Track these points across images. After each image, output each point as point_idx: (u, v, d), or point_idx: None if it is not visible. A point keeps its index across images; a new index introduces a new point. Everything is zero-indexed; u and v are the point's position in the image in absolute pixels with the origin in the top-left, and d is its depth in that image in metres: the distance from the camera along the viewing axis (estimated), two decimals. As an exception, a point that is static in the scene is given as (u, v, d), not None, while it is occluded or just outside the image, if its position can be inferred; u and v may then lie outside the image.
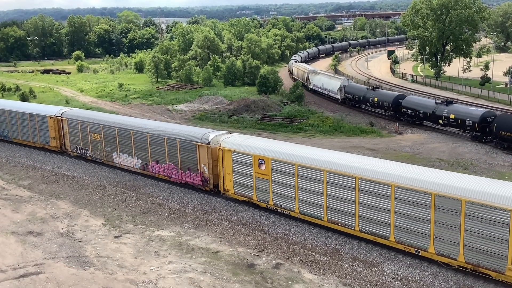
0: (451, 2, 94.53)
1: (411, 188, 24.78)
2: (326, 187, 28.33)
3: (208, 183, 35.35)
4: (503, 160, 43.62)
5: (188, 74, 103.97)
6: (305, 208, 29.77)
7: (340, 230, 28.57)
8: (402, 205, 25.30)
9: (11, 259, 27.43)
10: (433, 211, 24.19)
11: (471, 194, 22.98)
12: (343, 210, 27.92)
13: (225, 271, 25.52)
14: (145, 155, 39.18)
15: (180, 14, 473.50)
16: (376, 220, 26.52)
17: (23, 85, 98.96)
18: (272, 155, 30.91)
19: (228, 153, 33.16)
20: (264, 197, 32.01)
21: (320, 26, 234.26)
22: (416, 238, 25.19)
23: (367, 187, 26.52)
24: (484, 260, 23.06)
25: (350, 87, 70.98)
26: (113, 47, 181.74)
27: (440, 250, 24.44)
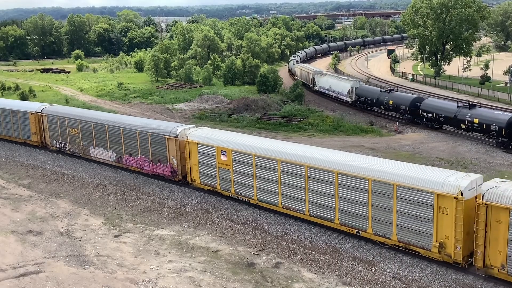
0: (451, 1, 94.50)
1: (351, 174, 27.02)
2: (280, 176, 30.39)
3: (177, 174, 37.19)
4: (503, 159, 43.63)
5: (187, 73, 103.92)
6: (263, 195, 31.77)
7: (293, 215, 30.56)
8: (345, 190, 27.50)
9: (11, 258, 27.44)
10: (370, 195, 26.42)
11: (401, 178, 25.19)
12: (295, 196, 29.96)
13: (225, 270, 25.53)
14: (119, 148, 41.08)
15: (180, 13, 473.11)
16: (323, 205, 28.66)
17: (22, 84, 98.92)
18: (233, 146, 32.96)
19: (194, 146, 35.22)
20: (226, 186, 33.92)
21: (320, 25, 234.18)
22: (356, 220, 27.36)
23: (315, 174, 28.62)
24: (414, 238, 25.26)
25: (361, 89, 67.45)
26: (113, 46, 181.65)
27: (377, 231, 26.61)
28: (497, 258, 22.59)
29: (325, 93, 77.76)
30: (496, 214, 22.25)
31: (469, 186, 23.44)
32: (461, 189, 23.29)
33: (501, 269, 22.58)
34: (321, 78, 79.87)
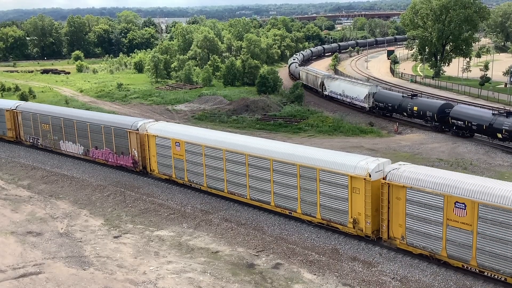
0: (450, 2, 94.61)
1: (283, 161, 30.07)
2: (225, 164, 33.35)
3: (138, 165, 40.02)
4: (503, 160, 43.63)
5: (187, 74, 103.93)
6: (211, 182, 34.71)
7: (237, 199, 33.36)
8: (278, 175, 30.47)
9: (10, 259, 27.42)
10: (298, 179, 29.49)
11: (322, 163, 28.41)
12: (238, 182, 32.84)
13: (225, 271, 25.52)
14: (86, 142, 43.87)
15: (179, 14, 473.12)
16: (261, 189, 31.59)
17: (22, 85, 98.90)
18: (185, 138, 35.94)
19: (152, 138, 38.10)
20: (180, 175, 36.79)
21: (319, 26, 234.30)
22: (288, 201, 30.41)
23: (254, 162, 31.62)
24: (334, 216, 28.44)
25: (380, 95, 62.86)
26: (113, 47, 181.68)
27: (305, 210, 29.75)
28: (398, 231, 25.95)
29: (336, 98, 73.03)
30: (396, 192, 25.52)
31: (376, 169, 26.48)
32: (369, 171, 26.37)
33: (401, 240, 25.93)
34: (332, 82, 75.12)
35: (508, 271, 22.38)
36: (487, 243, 22.77)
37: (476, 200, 22.76)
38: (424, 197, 24.48)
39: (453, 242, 23.90)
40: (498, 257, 22.54)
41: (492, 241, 22.60)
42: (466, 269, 23.97)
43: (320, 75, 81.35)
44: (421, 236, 25.04)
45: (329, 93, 75.47)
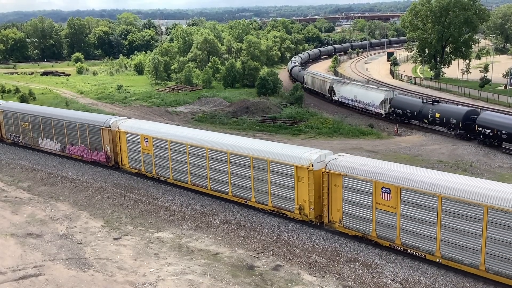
0: (450, 4, 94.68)
1: (239, 153, 32.32)
2: (188, 157, 35.57)
3: (110, 160, 42.18)
4: (503, 162, 43.63)
5: (187, 76, 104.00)
6: (176, 175, 36.91)
7: (200, 190, 35.61)
8: (235, 167, 32.74)
9: (10, 261, 27.41)
10: (252, 170, 31.75)
11: (272, 155, 30.71)
12: (200, 174, 35.15)
13: (225, 273, 25.51)
14: (63, 139, 46.07)
15: (179, 16, 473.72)
16: (220, 180, 33.83)
17: (22, 87, 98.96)
18: (153, 134, 38.14)
19: (123, 134, 40.39)
20: (149, 168, 38.96)
21: (319, 28, 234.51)
22: (244, 191, 32.62)
23: (213, 155, 33.88)
24: (283, 204, 30.79)
25: (398, 100, 59.65)
26: (113, 49, 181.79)
27: (258, 199, 32.03)
28: (337, 215, 28.49)
29: (348, 103, 69.52)
30: (335, 180, 28.01)
31: (318, 159, 28.90)
32: (312, 162, 28.77)
33: (339, 224, 28.37)
34: (343, 87, 71.53)
35: (427, 248, 24.86)
36: (409, 224, 25.26)
37: (399, 185, 25.21)
38: (357, 183, 26.97)
39: (381, 224, 26.42)
40: (418, 236, 25.00)
41: (412, 221, 25.09)
42: (393, 248, 26.35)
43: (328, 80, 77.57)
44: (355, 219, 27.62)
45: (339, 98, 71.64)
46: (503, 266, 22.34)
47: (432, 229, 24.40)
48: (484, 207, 22.28)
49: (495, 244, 22.37)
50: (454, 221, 23.55)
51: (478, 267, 23.09)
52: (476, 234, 22.89)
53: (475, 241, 23.01)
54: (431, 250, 24.71)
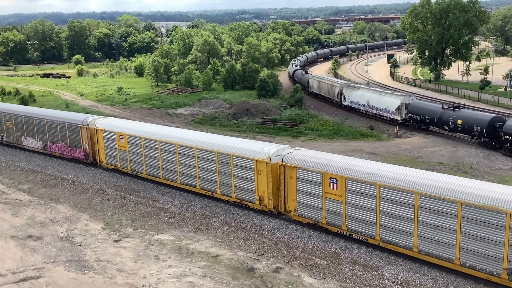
0: (450, 6, 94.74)
1: (205, 148, 34.36)
2: (160, 154, 37.48)
3: (89, 157, 44.10)
4: (503, 164, 43.60)
5: (187, 78, 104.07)
6: (150, 170, 38.81)
7: (171, 184, 37.51)
8: (202, 162, 34.72)
9: (10, 263, 27.39)
10: (217, 164, 33.67)
11: (235, 150, 32.66)
12: (171, 169, 37.04)
13: (225, 275, 25.48)
14: (45, 137, 47.82)
15: (180, 18, 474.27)
16: (189, 175, 35.86)
17: (23, 89, 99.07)
18: (128, 131, 40.16)
19: (100, 132, 42.26)
20: (124, 165, 40.77)
21: (319, 30, 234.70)
22: (211, 184, 34.57)
23: (183, 150, 35.92)
24: (245, 195, 32.67)
25: (415, 106, 56.93)
26: (113, 51, 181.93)
27: (223, 191, 34.03)
28: (292, 204, 30.44)
29: (359, 109, 66.85)
30: (290, 172, 29.98)
31: (275, 153, 30.84)
32: (270, 156, 30.73)
33: (294, 213, 30.42)
34: (354, 92, 68.40)
35: (368, 233, 27.07)
36: (352, 210, 27.50)
37: (344, 176, 27.41)
38: (309, 175, 29.08)
39: (330, 211, 28.64)
40: (360, 221, 27.24)
41: (355, 208, 27.32)
42: (340, 233, 28.55)
43: (337, 84, 73.92)
44: (308, 207, 29.67)
45: (350, 103, 68.68)
46: (434, 247, 24.56)
47: (372, 215, 26.63)
48: (415, 194, 24.60)
49: (426, 227, 24.52)
50: (391, 207, 25.72)
51: (412, 249, 25.33)
52: (409, 219, 25.07)
53: (409, 224, 25.14)
54: (372, 234, 26.89)
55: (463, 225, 23.26)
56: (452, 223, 23.54)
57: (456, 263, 23.89)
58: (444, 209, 23.76)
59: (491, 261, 22.84)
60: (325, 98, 77.49)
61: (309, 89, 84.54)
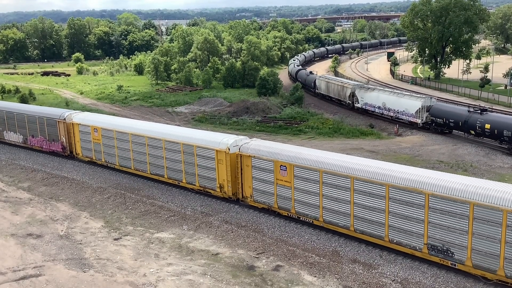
0: (450, 4, 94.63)
1: (171, 140, 36.72)
2: (131, 145, 39.62)
3: (66, 150, 46.13)
4: (503, 162, 43.60)
5: (187, 76, 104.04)
6: (122, 162, 40.88)
7: (141, 174, 39.73)
8: (169, 152, 37.00)
9: (10, 261, 27.40)
10: (182, 155, 36.17)
11: (197, 141, 35.24)
12: (141, 160, 39.25)
13: (225, 273, 25.49)
14: (25, 131, 49.71)
15: (179, 17, 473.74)
16: (157, 165, 38.05)
17: (22, 87, 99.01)
18: (101, 125, 42.21)
19: (76, 126, 44.46)
20: (99, 156, 43.00)
21: (319, 28, 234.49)
22: (177, 174, 36.88)
23: (152, 142, 38.03)
24: (207, 183, 35.06)
25: (438, 109, 53.88)
26: (113, 49, 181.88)
27: (188, 180, 36.18)
28: (248, 191, 32.74)
29: (373, 111, 64.07)
30: (246, 161, 32.26)
31: (234, 144, 33.09)
32: (229, 146, 33.05)
33: (251, 198, 32.70)
34: (367, 93, 65.31)
35: (313, 215, 29.47)
36: (299, 195, 29.81)
37: (292, 163, 29.74)
38: (262, 163, 31.37)
39: (280, 196, 30.91)
40: (306, 204, 29.65)
41: (302, 192, 29.63)
42: (290, 216, 30.81)
43: (349, 85, 70.62)
44: (262, 193, 31.96)
45: (363, 105, 65.61)
46: (367, 226, 27.11)
47: (316, 199, 29.03)
48: (351, 178, 27.12)
49: (360, 208, 27.16)
50: (331, 191, 28.22)
51: (349, 228, 27.97)
52: (346, 201, 27.66)
53: (346, 206, 27.76)
54: (316, 216, 29.36)
55: (391, 205, 25.80)
56: (381, 204, 26.10)
57: (386, 240, 26.43)
58: (374, 191, 26.29)
59: (414, 237, 25.29)
60: (333, 100, 75.03)
61: (315, 90, 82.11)
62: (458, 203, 23.34)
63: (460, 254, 23.85)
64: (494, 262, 22.87)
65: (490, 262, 23.00)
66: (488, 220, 22.64)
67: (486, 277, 23.40)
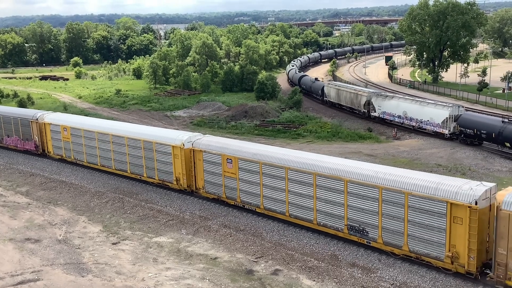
0: (448, 8, 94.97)
1: (133, 137, 39.51)
2: (97, 143, 42.37)
3: (39, 148, 48.47)
4: (501, 166, 43.64)
5: (186, 80, 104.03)
6: (89, 159, 43.60)
7: (106, 170, 42.30)
8: (131, 149, 39.69)
9: (8, 266, 27.33)
10: (143, 151, 38.85)
11: (156, 138, 38.06)
12: (106, 157, 42.04)
13: (224, 277, 25.45)
14: (1, 131, 52.23)
15: (178, 21, 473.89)
16: (121, 161, 40.88)
17: (21, 92, 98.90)
18: (70, 124, 45.05)
19: (48, 126, 46.97)
20: (69, 154, 45.51)
21: (318, 32, 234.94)
22: (139, 168, 39.58)
23: (115, 140, 40.83)
24: (165, 177, 37.83)
25: (467, 119, 49.96)
26: (111, 53, 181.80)
27: (148, 174, 39.12)
28: (201, 183, 35.62)
29: (392, 120, 60.08)
30: (198, 155, 35.22)
31: (188, 140, 35.98)
32: (183, 142, 35.92)
33: (203, 190, 35.51)
34: (386, 101, 61.43)
35: (255, 203, 32.24)
36: (243, 185, 32.62)
37: (237, 156, 32.62)
38: (211, 157, 34.24)
39: (228, 187, 33.66)
40: (249, 194, 32.40)
41: (246, 183, 32.43)
42: (236, 205, 33.50)
43: (364, 93, 66.41)
44: (212, 185, 34.73)
45: (381, 114, 61.85)
46: (300, 211, 30.04)
47: (257, 188, 31.79)
48: (285, 169, 29.97)
49: (293, 195, 30.03)
50: (270, 180, 31.01)
51: (285, 214, 30.79)
52: (282, 189, 30.48)
53: (282, 194, 30.58)
54: (258, 204, 32.07)
55: (318, 191, 28.81)
56: (310, 191, 29.11)
57: (314, 223, 29.47)
58: (304, 179, 29.26)
59: (337, 219, 28.37)
60: (344, 108, 71.21)
61: (323, 98, 77.96)
62: (370, 187, 26.48)
63: (373, 232, 26.87)
64: (400, 239, 25.84)
65: (396, 239, 25.98)
66: (394, 202, 25.68)
67: (394, 252, 26.29)
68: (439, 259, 24.55)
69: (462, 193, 23.52)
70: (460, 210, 23.40)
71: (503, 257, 22.50)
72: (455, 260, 23.99)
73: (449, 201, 23.65)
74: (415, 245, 25.23)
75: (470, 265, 23.61)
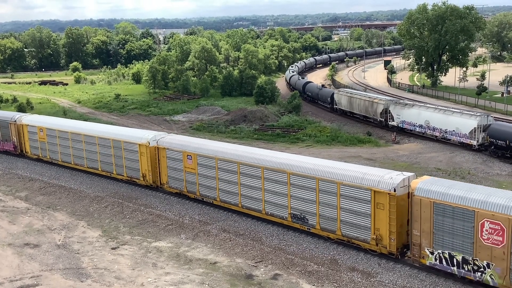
0: (446, 13, 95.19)
1: (104, 137, 42.01)
2: (71, 143, 44.69)
3: (17, 149, 50.92)
4: (500, 169, 43.66)
5: (185, 85, 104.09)
6: (64, 158, 45.80)
7: (80, 168, 44.58)
8: (102, 148, 42.07)
9: (7, 271, 27.27)
10: (112, 150, 41.18)
11: (124, 137, 40.42)
12: (79, 155, 44.30)
13: (223, 282, 25.40)
14: None
15: (177, 25, 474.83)
16: (93, 159, 43.12)
17: (20, 97, 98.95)
18: (46, 125, 47.48)
19: (25, 127, 49.45)
20: (44, 154, 47.74)
21: (317, 37, 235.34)
22: (108, 166, 42.01)
23: (88, 140, 43.36)
24: (133, 174, 40.05)
25: (497, 129, 46.77)
26: (111, 58, 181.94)
27: (117, 172, 41.28)
28: (165, 179, 37.84)
29: (413, 130, 57.03)
30: (162, 153, 37.49)
31: (153, 138, 38.16)
32: (149, 140, 38.47)
33: (167, 185, 37.75)
34: (406, 110, 58.13)
35: (212, 196, 34.72)
36: (202, 179, 35.09)
37: (196, 153, 35.07)
38: (174, 154, 36.54)
39: (188, 181, 36.11)
40: (207, 187, 34.87)
41: (204, 177, 34.92)
42: (196, 199, 35.95)
43: (381, 101, 63.07)
44: (175, 180, 37.07)
45: (400, 123, 58.53)
46: (251, 202, 32.30)
47: (214, 182, 34.22)
48: (237, 164, 32.46)
49: (244, 188, 32.41)
50: (224, 175, 33.48)
51: (238, 205, 33.19)
52: (235, 182, 32.91)
53: (235, 187, 33.07)
54: (215, 197, 34.51)
55: (265, 184, 31.10)
56: (259, 183, 31.45)
57: (263, 213, 31.84)
58: (254, 173, 31.64)
59: (282, 209, 30.68)
60: (356, 116, 68.03)
61: (333, 106, 74.35)
62: (309, 178, 28.98)
63: (312, 220, 29.37)
64: (334, 224, 28.40)
65: (331, 224, 28.52)
66: (328, 191, 28.23)
67: (330, 237, 28.82)
68: (366, 242, 27.08)
69: (383, 182, 26.15)
70: (382, 196, 26.03)
71: (417, 238, 24.98)
72: (379, 242, 26.48)
73: (373, 189, 26.29)
74: (346, 229, 27.82)
75: (391, 246, 26.07)
